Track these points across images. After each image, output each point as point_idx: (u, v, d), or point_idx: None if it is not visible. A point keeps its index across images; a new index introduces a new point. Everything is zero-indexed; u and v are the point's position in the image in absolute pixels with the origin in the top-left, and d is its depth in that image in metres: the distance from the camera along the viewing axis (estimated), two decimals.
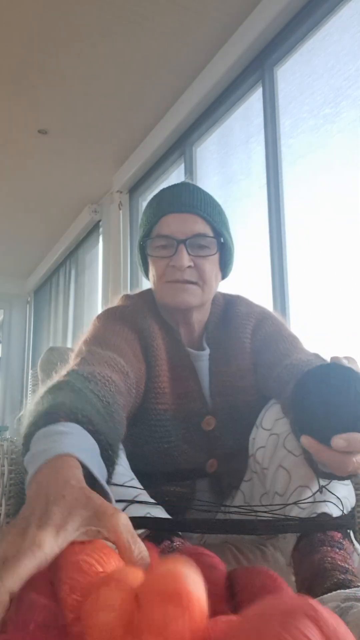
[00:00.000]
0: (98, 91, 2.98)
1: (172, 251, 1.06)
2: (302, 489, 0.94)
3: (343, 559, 0.83)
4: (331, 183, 2.11)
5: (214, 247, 1.08)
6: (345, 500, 0.95)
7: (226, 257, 1.14)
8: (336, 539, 0.86)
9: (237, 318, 1.15)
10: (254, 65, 2.54)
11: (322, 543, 0.86)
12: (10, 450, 1.11)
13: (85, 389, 0.81)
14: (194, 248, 1.06)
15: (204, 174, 2.98)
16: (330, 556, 0.83)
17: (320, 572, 0.81)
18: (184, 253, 1.05)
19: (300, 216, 2.27)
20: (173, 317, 1.13)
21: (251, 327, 1.14)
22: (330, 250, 2.10)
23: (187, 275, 1.06)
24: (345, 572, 0.80)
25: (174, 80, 2.87)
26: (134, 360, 1.01)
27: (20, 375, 5.80)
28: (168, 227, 1.07)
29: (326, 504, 0.92)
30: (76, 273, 4.71)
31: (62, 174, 3.82)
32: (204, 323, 1.16)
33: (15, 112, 3.15)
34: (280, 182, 2.36)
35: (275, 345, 1.11)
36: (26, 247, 5.04)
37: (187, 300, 1.07)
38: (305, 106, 2.26)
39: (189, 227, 1.06)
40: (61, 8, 2.42)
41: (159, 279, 1.09)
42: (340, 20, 2.12)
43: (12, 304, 5.97)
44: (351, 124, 2.03)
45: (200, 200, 1.09)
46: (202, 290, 1.08)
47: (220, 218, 1.11)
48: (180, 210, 1.07)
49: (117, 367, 0.94)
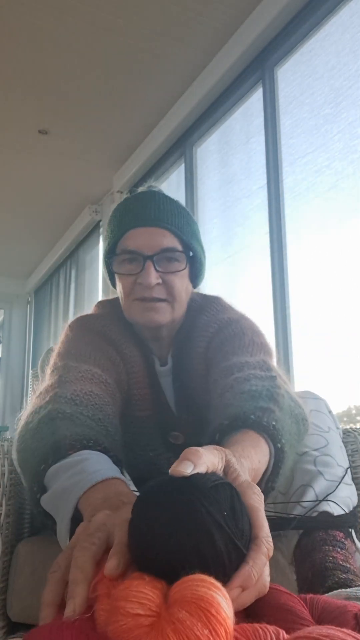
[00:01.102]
0: (98, 91, 2.98)
1: (139, 267, 0.99)
2: (305, 488, 0.94)
3: (345, 558, 0.84)
4: (332, 183, 2.11)
5: (183, 261, 1.02)
6: (347, 500, 0.95)
7: (196, 270, 1.08)
8: (338, 539, 0.87)
9: (198, 329, 1.07)
10: (255, 65, 2.54)
11: (323, 542, 0.87)
12: (10, 450, 1.11)
13: (76, 414, 0.80)
14: (162, 263, 1.00)
15: (204, 174, 2.98)
16: (332, 555, 0.84)
17: (321, 571, 0.81)
18: (151, 270, 0.98)
19: (301, 216, 2.27)
20: (143, 333, 1.08)
21: (209, 337, 1.05)
22: (330, 250, 2.10)
23: (156, 293, 1.00)
24: (347, 571, 0.80)
25: (175, 80, 2.87)
26: (109, 366, 0.99)
27: (20, 375, 5.80)
28: (134, 241, 1.00)
29: (328, 503, 0.92)
30: (76, 273, 4.70)
31: (62, 174, 3.82)
32: (169, 341, 1.10)
33: (16, 112, 3.15)
34: (281, 182, 2.36)
35: (225, 355, 0.98)
36: (26, 247, 5.04)
37: (155, 319, 1.01)
38: (306, 106, 2.26)
39: (156, 241, 1.00)
40: (61, 8, 2.42)
41: (126, 296, 1.03)
42: (340, 21, 2.12)
43: (13, 304, 5.97)
44: (351, 124, 2.03)
45: (167, 212, 1.03)
46: (172, 307, 1.02)
47: (189, 229, 1.05)
48: (146, 224, 1.01)
49: (94, 379, 0.92)
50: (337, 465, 0.99)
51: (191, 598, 0.41)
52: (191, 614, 0.40)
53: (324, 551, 0.85)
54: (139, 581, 0.45)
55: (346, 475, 0.99)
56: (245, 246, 2.60)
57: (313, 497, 0.93)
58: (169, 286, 1.01)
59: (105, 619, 0.44)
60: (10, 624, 1.08)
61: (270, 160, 2.41)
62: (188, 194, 3.04)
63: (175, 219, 1.03)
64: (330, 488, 0.93)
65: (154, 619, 0.42)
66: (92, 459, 0.71)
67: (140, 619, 0.41)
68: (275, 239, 2.33)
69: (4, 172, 3.79)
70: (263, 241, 2.41)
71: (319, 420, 1.03)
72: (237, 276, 2.64)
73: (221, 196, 2.81)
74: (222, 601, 0.41)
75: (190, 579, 0.43)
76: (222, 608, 0.41)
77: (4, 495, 1.06)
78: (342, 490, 0.95)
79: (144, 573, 0.47)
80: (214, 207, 2.86)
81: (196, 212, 2.98)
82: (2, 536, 1.05)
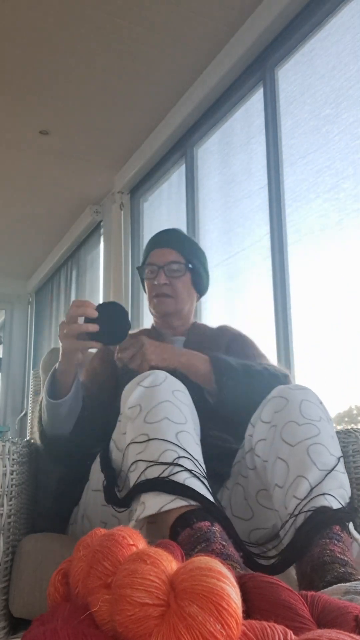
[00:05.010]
0: (99, 92, 2.99)
1: (155, 274, 1.47)
2: (300, 479, 0.96)
3: (342, 551, 0.85)
4: (332, 183, 2.11)
5: (183, 270, 1.47)
6: (342, 492, 0.96)
7: (196, 279, 1.52)
8: (334, 531, 0.88)
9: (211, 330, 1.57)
10: (255, 66, 2.54)
11: (320, 536, 0.87)
12: (11, 450, 1.11)
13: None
14: (169, 271, 1.46)
15: (204, 174, 2.99)
16: (330, 549, 0.84)
17: (320, 565, 0.82)
18: (162, 274, 1.46)
19: (302, 216, 2.27)
20: (160, 325, 1.55)
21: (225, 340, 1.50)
22: (331, 250, 2.11)
23: (164, 290, 1.47)
24: (345, 564, 0.81)
25: (175, 81, 2.88)
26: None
27: (21, 376, 5.80)
28: (153, 258, 1.49)
29: (325, 497, 0.93)
30: (77, 274, 4.71)
31: (63, 174, 3.82)
32: (184, 329, 1.54)
33: (17, 112, 3.15)
34: (281, 183, 2.36)
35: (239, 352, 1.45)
36: (27, 247, 5.05)
37: (163, 308, 1.49)
38: (306, 107, 2.26)
39: (166, 257, 1.48)
40: (62, 9, 2.42)
41: (149, 294, 1.51)
42: (341, 21, 2.12)
43: (14, 305, 5.97)
44: (352, 125, 2.03)
45: (175, 238, 1.51)
46: (175, 300, 1.48)
47: (191, 250, 1.51)
48: (161, 246, 1.50)
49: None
50: (329, 454, 1.00)
51: (201, 591, 0.40)
52: (202, 609, 0.40)
53: (321, 545, 0.86)
54: (142, 566, 0.44)
55: (339, 463, 1.00)
56: (245, 246, 2.60)
57: (307, 488, 0.95)
58: (173, 286, 1.47)
59: (108, 610, 0.44)
60: (11, 623, 1.08)
61: (270, 161, 2.41)
62: (189, 194, 3.04)
63: (180, 243, 1.50)
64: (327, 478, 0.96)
65: (163, 608, 0.41)
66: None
67: (149, 609, 0.41)
68: (276, 239, 2.33)
69: (4, 172, 3.79)
70: (264, 242, 2.41)
71: (310, 410, 1.06)
72: (237, 276, 2.64)
73: (222, 197, 2.81)
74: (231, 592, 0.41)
75: (197, 567, 0.43)
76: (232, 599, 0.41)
77: (5, 495, 1.06)
78: (336, 479, 0.96)
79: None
80: (215, 208, 2.86)
81: (197, 212, 2.98)
82: (4, 537, 1.05)
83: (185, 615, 0.40)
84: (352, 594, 0.67)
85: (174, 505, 0.89)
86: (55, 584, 0.57)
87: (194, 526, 0.85)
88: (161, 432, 0.97)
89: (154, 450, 0.95)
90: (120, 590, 0.43)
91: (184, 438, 0.98)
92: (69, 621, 0.45)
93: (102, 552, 0.49)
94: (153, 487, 0.91)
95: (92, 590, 0.47)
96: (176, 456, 0.94)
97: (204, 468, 0.98)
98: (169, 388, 1.05)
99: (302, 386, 1.13)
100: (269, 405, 1.10)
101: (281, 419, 1.05)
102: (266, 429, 1.08)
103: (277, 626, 0.42)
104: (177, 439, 0.97)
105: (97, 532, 0.57)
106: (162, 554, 0.46)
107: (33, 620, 0.50)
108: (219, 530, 0.86)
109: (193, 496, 0.90)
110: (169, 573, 0.44)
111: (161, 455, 0.94)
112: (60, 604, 0.52)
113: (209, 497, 0.92)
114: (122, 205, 3.75)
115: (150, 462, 0.94)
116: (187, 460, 0.95)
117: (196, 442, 1.02)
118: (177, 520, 0.88)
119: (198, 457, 0.98)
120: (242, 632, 0.41)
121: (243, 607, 0.46)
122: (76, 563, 0.53)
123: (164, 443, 0.96)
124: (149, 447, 0.96)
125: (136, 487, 0.94)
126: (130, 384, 1.09)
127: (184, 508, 0.89)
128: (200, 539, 0.83)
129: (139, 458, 0.96)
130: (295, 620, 0.47)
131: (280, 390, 1.11)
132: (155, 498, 0.90)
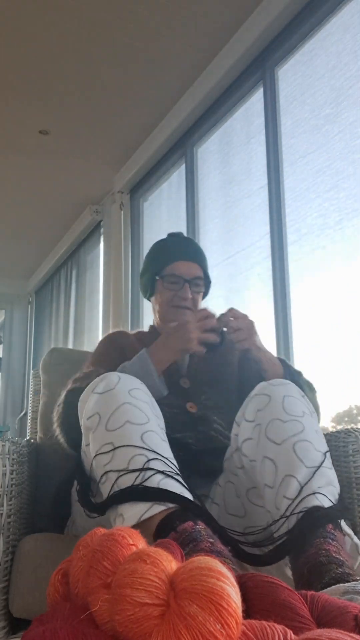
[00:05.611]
0: (99, 92, 2.98)
1: (179, 287, 1.48)
2: (289, 479, 0.96)
3: (337, 550, 0.84)
4: (332, 183, 2.11)
5: (203, 286, 1.53)
6: (332, 489, 0.96)
7: (207, 290, 1.59)
8: (328, 530, 0.88)
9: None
10: (255, 65, 2.54)
11: (314, 536, 0.87)
12: (11, 450, 1.11)
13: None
14: (193, 286, 1.49)
15: (204, 174, 2.98)
16: (325, 548, 0.84)
17: (317, 567, 0.82)
18: (188, 289, 1.48)
19: (302, 216, 2.27)
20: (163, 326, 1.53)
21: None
22: (331, 250, 2.10)
23: (188, 304, 1.49)
24: (342, 565, 0.81)
25: (175, 80, 2.88)
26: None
27: (21, 376, 5.80)
28: (178, 269, 1.49)
29: (315, 496, 0.93)
30: (77, 273, 4.71)
31: (63, 174, 3.82)
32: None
33: (17, 112, 3.15)
34: (281, 183, 2.36)
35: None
36: (27, 247, 5.05)
37: (182, 319, 1.44)
38: (306, 106, 2.26)
39: (192, 271, 1.50)
40: (61, 9, 2.42)
41: (166, 301, 1.51)
42: (341, 21, 2.12)
43: (13, 305, 5.97)
44: (352, 125, 2.03)
45: (199, 252, 1.55)
46: (192, 312, 1.49)
47: (206, 263, 1.56)
48: (187, 259, 1.51)
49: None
50: (315, 450, 1.00)
51: (201, 591, 0.40)
52: (202, 609, 0.39)
53: (316, 545, 0.85)
54: (142, 566, 0.44)
55: (325, 459, 0.99)
56: (245, 246, 2.60)
57: (297, 488, 0.94)
58: (195, 300, 1.51)
59: (108, 609, 0.44)
60: (11, 623, 1.08)
61: (270, 161, 2.41)
62: (189, 194, 3.04)
63: (202, 259, 1.55)
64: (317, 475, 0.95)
65: (163, 608, 0.41)
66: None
67: (149, 608, 0.41)
68: (276, 239, 2.33)
69: (4, 172, 3.79)
70: (264, 241, 2.41)
71: (293, 406, 1.05)
72: (237, 276, 2.64)
73: (222, 196, 2.81)
74: (231, 592, 0.41)
75: (197, 567, 0.42)
76: (232, 599, 0.41)
77: (5, 495, 1.06)
78: (324, 475, 0.96)
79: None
80: (215, 208, 2.86)
81: (197, 212, 2.98)
82: (3, 537, 1.05)
83: (185, 615, 0.40)
84: (351, 593, 0.67)
85: (152, 512, 0.87)
86: (55, 584, 0.57)
87: (178, 529, 0.84)
88: (126, 437, 0.95)
89: (122, 458, 0.93)
90: (120, 590, 0.43)
91: (150, 438, 0.96)
92: (68, 621, 0.45)
93: (102, 551, 0.48)
94: (129, 497, 0.90)
95: (92, 590, 0.46)
96: (145, 460, 0.92)
97: (175, 465, 0.97)
98: (124, 389, 1.03)
99: (283, 381, 1.12)
100: (252, 403, 1.09)
101: (265, 418, 1.05)
102: (251, 427, 1.07)
103: (277, 626, 0.42)
104: (142, 441, 0.95)
105: (96, 531, 0.57)
106: (162, 554, 0.46)
107: (33, 620, 0.50)
108: (203, 528, 0.85)
109: (170, 498, 0.89)
110: (169, 573, 0.44)
111: (130, 461, 0.93)
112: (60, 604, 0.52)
113: (187, 495, 0.91)
114: (122, 205, 3.75)
115: (120, 471, 0.92)
116: (158, 462, 0.93)
117: (162, 439, 1.00)
118: (160, 526, 0.87)
119: (167, 455, 0.97)
120: (241, 631, 0.41)
121: (243, 607, 0.46)
122: (76, 563, 0.53)
123: (131, 449, 0.94)
124: (116, 456, 0.94)
125: (110, 499, 0.92)
126: (84, 393, 1.07)
127: (163, 512, 0.88)
128: (186, 541, 0.82)
129: (108, 469, 0.94)
130: (295, 620, 0.47)
131: (262, 388, 1.10)
132: (132, 508, 0.89)
